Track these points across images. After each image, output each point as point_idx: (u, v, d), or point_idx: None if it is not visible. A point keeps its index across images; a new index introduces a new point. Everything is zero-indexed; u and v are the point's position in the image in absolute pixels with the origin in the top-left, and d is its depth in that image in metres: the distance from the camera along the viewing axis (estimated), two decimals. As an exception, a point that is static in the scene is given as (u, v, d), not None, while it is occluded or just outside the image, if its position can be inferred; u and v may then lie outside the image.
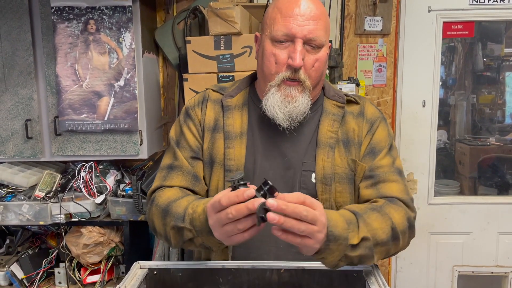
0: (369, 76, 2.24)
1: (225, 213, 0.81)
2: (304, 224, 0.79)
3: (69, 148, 1.91)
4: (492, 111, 2.80)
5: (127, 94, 1.86)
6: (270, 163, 1.12)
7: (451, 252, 2.38)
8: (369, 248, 0.94)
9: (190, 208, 0.96)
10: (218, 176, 1.12)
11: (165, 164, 1.16)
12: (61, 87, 1.85)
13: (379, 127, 1.16)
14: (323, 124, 1.13)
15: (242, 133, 1.13)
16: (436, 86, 2.26)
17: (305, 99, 1.06)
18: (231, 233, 0.84)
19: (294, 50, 1.02)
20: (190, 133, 1.16)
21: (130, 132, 1.89)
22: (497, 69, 2.75)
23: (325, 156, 1.10)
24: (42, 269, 2.04)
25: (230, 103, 1.17)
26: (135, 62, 1.85)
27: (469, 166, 2.65)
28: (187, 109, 1.20)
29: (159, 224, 1.05)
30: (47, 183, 1.94)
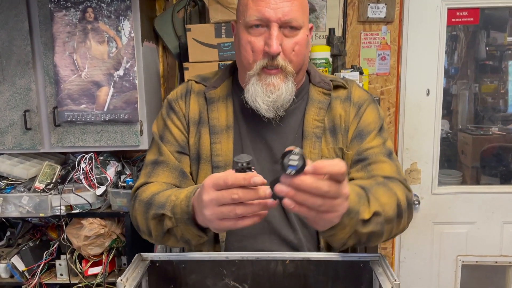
0: (372, 64, 2.20)
1: (229, 193, 0.75)
2: (321, 199, 0.71)
3: (69, 139, 1.88)
4: (494, 100, 2.75)
5: (127, 84, 1.83)
6: (257, 157, 1.07)
7: (455, 242, 2.37)
8: (380, 224, 0.89)
9: (173, 196, 0.92)
10: (205, 173, 1.07)
11: (149, 160, 1.10)
12: (60, 77, 1.82)
13: (367, 110, 1.10)
14: (308, 113, 1.07)
15: (228, 126, 1.08)
16: (441, 74, 2.23)
17: (288, 86, 1.01)
18: (225, 216, 0.76)
19: (269, 35, 0.96)
20: (174, 127, 1.10)
21: (130, 122, 1.86)
22: (500, 58, 2.70)
23: (311, 147, 1.05)
24: (43, 261, 2.02)
25: (214, 95, 1.11)
26: (135, 51, 1.81)
27: (472, 155, 2.61)
28: (170, 102, 1.14)
29: (142, 219, 0.99)
30: (46, 175, 1.91)
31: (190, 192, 0.88)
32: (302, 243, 1.07)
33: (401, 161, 2.30)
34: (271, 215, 1.05)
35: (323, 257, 0.96)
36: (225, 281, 0.99)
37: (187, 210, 0.86)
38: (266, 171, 1.06)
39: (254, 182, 0.74)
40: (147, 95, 1.93)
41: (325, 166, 0.69)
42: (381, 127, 1.10)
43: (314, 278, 0.97)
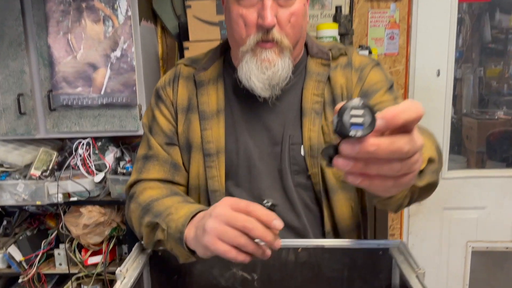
0: (380, 44, 2.11)
1: (244, 218, 0.68)
2: (399, 162, 0.52)
3: (65, 124, 1.80)
4: (499, 84, 2.68)
5: (124, 66, 1.74)
6: (254, 140, 0.99)
7: (465, 227, 2.30)
8: (435, 172, 0.78)
9: (173, 208, 0.84)
10: (197, 162, 0.99)
11: (140, 155, 1.04)
12: (54, 58, 1.74)
13: (371, 72, 0.99)
14: (306, 88, 0.98)
15: (219, 110, 1.00)
16: (452, 54, 2.14)
17: (285, 61, 0.92)
18: (225, 237, 0.69)
19: (263, 7, 0.86)
20: (162, 116, 1.03)
21: (128, 106, 1.78)
22: (505, 41, 2.63)
23: (310, 124, 0.96)
24: (42, 250, 1.96)
25: (204, 78, 1.02)
26: (132, 31, 1.72)
27: (477, 140, 2.56)
28: (158, 90, 1.07)
29: (136, 222, 0.93)
30: (43, 161, 1.84)
31: (191, 212, 0.80)
32: (307, 228, 0.99)
33: (410, 145, 2.23)
34: (272, 198, 0.98)
35: (338, 244, 0.89)
36: (233, 271, 0.92)
37: (181, 229, 0.78)
38: (265, 155, 0.99)
39: (274, 224, 0.67)
40: (146, 78, 1.85)
41: (400, 113, 0.48)
42: (390, 86, 1.00)
43: (328, 267, 0.90)
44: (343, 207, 0.99)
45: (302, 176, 0.98)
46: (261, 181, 0.98)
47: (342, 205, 0.99)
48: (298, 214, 0.99)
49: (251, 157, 0.98)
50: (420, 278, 0.77)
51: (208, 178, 0.98)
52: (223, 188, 0.98)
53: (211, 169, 0.98)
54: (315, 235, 1.01)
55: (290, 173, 0.98)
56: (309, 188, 0.99)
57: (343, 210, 0.99)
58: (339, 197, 0.98)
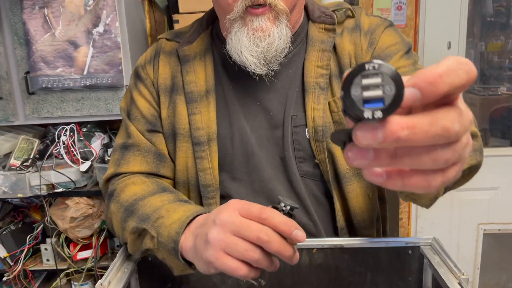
0: (387, 14, 1.96)
1: (258, 227, 0.54)
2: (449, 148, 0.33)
3: (46, 109, 1.65)
4: (501, 59, 2.60)
5: (108, 43, 1.58)
6: (250, 124, 0.85)
7: (476, 209, 2.20)
8: (480, 152, 0.66)
9: (164, 210, 0.70)
10: (185, 152, 0.85)
11: (117, 144, 0.89)
12: (30, 36, 1.57)
13: (383, 34, 0.85)
14: (308, 60, 0.84)
15: (208, 90, 0.86)
16: (463, 24, 2.00)
17: (282, 29, 0.77)
18: (233, 251, 0.55)
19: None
20: (142, 98, 0.89)
21: (115, 87, 1.62)
22: (507, 14, 2.54)
23: (314, 102, 0.82)
24: (27, 245, 1.82)
25: (189, 52, 0.87)
26: (116, 3, 1.55)
27: (480, 117, 2.47)
28: (137, 69, 0.92)
29: (118, 226, 0.78)
30: (23, 150, 1.69)
31: (186, 216, 0.66)
32: (318, 226, 0.85)
33: (419, 123, 2.10)
34: (276, 191, 0.84)
35: (359, 243, 0.76)
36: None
37: (176, 238, 0.64)
38: (264, 141, 0.84)
39: (296, 235, 0.54)
40: (133, 56, 1.68)
41: (443, 75, 0.31)
42: (407, 49, 0.85)
43: (348, 270, 0.77)
44: (359, 198, 0.85)
45: (309, 163, 0.83)
46: (262, 171, 0.84)
47: (358, 195, 0.84)
48: (307, 209, 0.85)
49: (248, 144, 0.84)
50: (463, 285, 0.64)
51: (198, 170, 0.83)
52: (217, 182, 0.84)
53: (202, 160, 0.83)
54: (327, 232, 0.87)
55: (295, 160, 0.84)
56: (318, 177, 0.84)
57: (359, 200, 0.85)
58: (354, 186, 0.84)
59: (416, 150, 0.33)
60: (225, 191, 0.86)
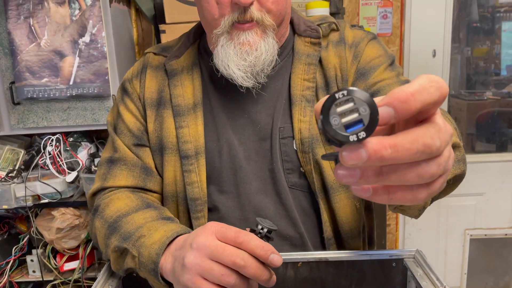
0: (373, 23, 1.98)
1: (235, 252, 0.55)
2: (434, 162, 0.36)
3: (31, 119, 1.63)
4: (487, 64, 2.67)
5: (95, 53, 1.57)
6: (238, 137, 0.86)
7: (462, 215, 2.23)
8: (463, 161, 0.66)
9: (146, 229, 0.70)
10: (173, 166, 0.85)
11: (104, 158, 0.89)
12: (15, 46, 1.56)
13: (367, 46, 0.87)
14: (295, 73, 0.85)
15: (196, 104, 0.86)
16: (448, 33, 2.03)
17: (268, 43, 0.78)
18: (209, 276, 0.56)
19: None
20: (128, 113, 0.89)
21: (101, 97, 1.61)
22: (492, 20, 2.61)
23: (301, 114, 0.83)
24: (13, 257, 1.79)
25: (176, 66, 0.88)
26: (102, 13, 1.55)
27: (466, 122, 2.52)
28: (123, 83, 0.92)
29: (102, 243, 0.78)
30: (8, 161, 1.67)
31: (167, 237, 0.66)
32: (305, 237, 0.86)
33: (406, 130, 2.12)
34: (263, 204, 0.84)
35: (344, 256, 0.76)
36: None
37: (156, 260, 0.64)
38: (252, 153, 0.85)
39: (271, 260, 0.55)
40: (119, 66, 1.68)
41: (415, 93, 0.33)
42: (392, 62, 0.86)
43: (333, 283, 0.77)
44: (346, 208, 0.85)
45: (297, 174, 0.84)
46: (249, 184, 0.84)
47: (345, 205, 0.85)
48: (294, 221, 0.85)
49: (236, 157, 0.84)
50: (445, 298, 0.65)
51: (186, 184, 0.83)
52: (205, 195, 0.83)
53: (189, 174, 0.83)
54: (314, 244, 0.87)
55: (283, 171, 0.84)
56: (306, 188, 0.85)
57: (346, 211, 0.86)
58: (341, 197, 0.84)
59: (401, 167, 0.35)
60: (213, 204, 0.86)
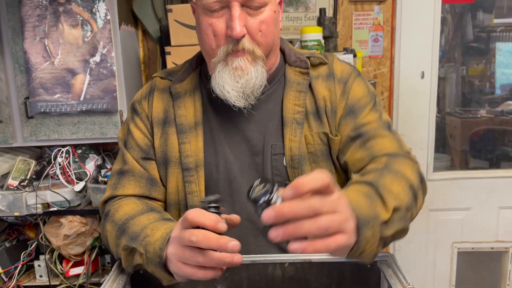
0: (365, 46, 2.10)
1: (189, 233, 0.66)
2: (324, 219, 0.57)
3: (43, 132, 1.75)
4: (482, 82, 2.75)
5: (104, 71, 1.69)
6: (234, 152, 0.97)
7: (450, 228, 2.32)
8: (403, 219, 0.77)
9: (149, 229, 0.81)
10: (176, 177, 0.97)
11: (114, 170, 1.01)
12: (31, 64, 1.68)
13: (354, 83, 0.98)
14: (287, 98, 0.96)
15: (196, 123, 0.98)
16: (436, 56, 2.15)
17: (258, 70, 0.89)
18: (186, 260, 0.68)
19: (231, 17, 0.84)
20: (137, 130, 1.01)
21: (109, 112, 1.73)
22: (486, 40, 2.69)
23: (292, 135, 0.94)
24: (21, 262, 1.89)
25: (180, 89, 1.00)
26: (112, 35, 1.67)
27: (460, 139, 2.60)
28: (133, 104, 1.05)
29: (113, 244, 0.89)
30: (20, 171, 1.78)
31: (167, 233, 0.76)
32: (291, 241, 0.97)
33: (396, 147, 2.23)
34: (252, 213, 0.95)
35: (326, 258, 0.87)
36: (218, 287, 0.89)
37: (160, 254, 0.75)
38: (245, 167, 0.96)
39: (219, 228, 0.66)
40: (127, 83, 1.80)
41: (306, 182, 0.56)
42: (374, 101, 0.99)
43: (316, 282, 0.88)
44: None
45: (284, 187, 0.95)
46: (242, 194, 0.95)
47: None
48: None
49: (231, 170, 0.95)
50: (410, 294, 0.75)
51: (187, 193, 0.94)
52: None
53: (190, 184, 0.94)
54: None
55: None
56: None
57: None
58: None
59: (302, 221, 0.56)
60: None
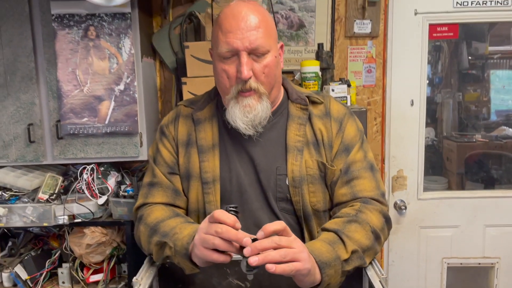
0: (359, 77, 2.32)
1: (215, 225, 0.88)
2: (283, 250, 0.87)
3: (71, 151, 1.96)
4: (477, 108, 2.85)
5: (127, 98, 1.92)
6: (244, 169, 1.18)
7: (440, 245, 2.47)
8: (360, 258, 1.01)
9: (178, 229, 1.03)
10: (196, 189, 1.18)
11: (145, 182, 1.23)
12: (62, 91, 1.91)
13: (347, 124, 1.21)
14: (290, 129, 1.18)
15: (214, 144, 1.19)
16: (423, 85, 2.35)
17: (263, 105, 1.12)
18: (206, 244, 0.90)
19: (240, 63, 1.07)
20: (165, 149, 1.23)
21: (130, 134, 1.94)
22: (482, 67, 2.79)
23: (293, 159, 1.15)
24: (46, 269, 2.08)
25: (201, 116, 1.22)
26: (135, 67, 1.91)
27: (457, 162, 2.70)
28: (162, 127, 1.27)
29: (145, 241, 1.11)
30: (49, 186, 1.98)
31: (193, 231, 0.99)
32: None
33: (388, 168, 2.42)
34: (261, 219, 1.16)
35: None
36: (229, 280, 1.08)
37: (187, 247, 0.97)
38: (253, 182, 1.17)
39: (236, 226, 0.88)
40: (146, 108, 2.02)
41: (270, 226, 0.88)
42: (362, 139, 1.22)
43: (310, 276, 1.07)
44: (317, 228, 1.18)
45: (286, 202, 1.16)
46: (251, 204, 1.16)
47: (316, 226, 1.17)
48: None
49: (242, 184, 1.16)
50: (382, 282, 0.95)
51: (206, 202, 1.15)
52: None
53: (208, 195, 1.15)
54: None
55: (275, 199, 1.16)
56: (292, 212, 1.17)
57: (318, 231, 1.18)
58: (314, 222, 1.17)
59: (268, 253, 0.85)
60: None
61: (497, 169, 2.70)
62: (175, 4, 2.21)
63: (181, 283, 1.08)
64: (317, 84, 2.00)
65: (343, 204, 1.14)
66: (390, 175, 2.42)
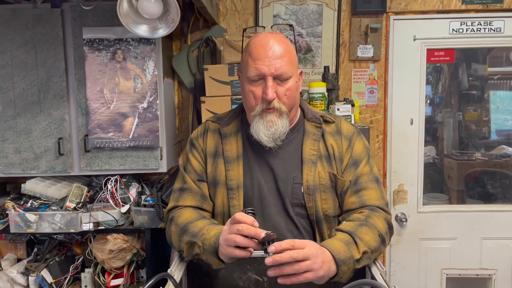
0: (362, 97, 2.50)
1: (237, 225, 1.05)
2: (297, 264, 1.00)
3: (97, 163, 2.13)
4: (477, 127, 2.93)
5: (150, 115, 2.09)
6: (264, 178, 1.33)
7: (439, 256, 2.60)
8: (369, 258, 1.16)
9: (205, 230, 1.18)
10: (222, 194, 1.33)
11: (176, 187, 1.39)
12: (91, 109, 2.09)
13: (356, 141, 1.37)
14: (305, 144, 1.34)
15: (238, 156, 1.35)
16: (422, 105, 2.52)
17: (283, 122, 1.29)
18: (229, 242, 1.06)
19: (266, 86, 1.24)
20: (195, 159, 1.39)
21: (152, 148, 2.11)
22: (481, 88, 2.88)
23: (308, 170, 1.31)
24: (69, 274, 2.23)
25: (227, 131, 1.39)
26: (157, 87, 2.09)
27: (457, 179, 2.81)
28: (191, 140, 1.44)
29: (176, 240, 1.26)
30: (76, 195, 2.15)
31: (219, 232, 1.14)
32: None
33: (389, 182, 2.57)
34: (278, 222, 1.31)
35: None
36: (248, 274, 1.23)
37: (214, 246, 1.13)
38: (272, 190, 1.33)
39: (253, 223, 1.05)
40: (166, 124, 2.20)
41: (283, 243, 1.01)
42: (369, 155, 1.38)
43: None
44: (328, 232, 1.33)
45: (301, 208, 1.32)
46: (270, 209, 1.32)
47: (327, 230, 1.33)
48: (300, 234, 1.33)
49: (262, 191, 1.32)
50: (383, 275, 1.10)
51: (230, 206, 1.31)
52: None
53: (232, 200, 1.31)
54: None
55: (291, 205, 1.32)
56: (306, 216, 1.33)
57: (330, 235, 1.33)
58: (324, 226, 1.33)
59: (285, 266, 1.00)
60: None
61: (496, 186, 2.80)
62: (193, 29, 2.42)
63: (207, 277, 1.23)
64: (323, 103, 2.17)
65: (352, 211, 1.29)
66: (392, 189, 2.58)
